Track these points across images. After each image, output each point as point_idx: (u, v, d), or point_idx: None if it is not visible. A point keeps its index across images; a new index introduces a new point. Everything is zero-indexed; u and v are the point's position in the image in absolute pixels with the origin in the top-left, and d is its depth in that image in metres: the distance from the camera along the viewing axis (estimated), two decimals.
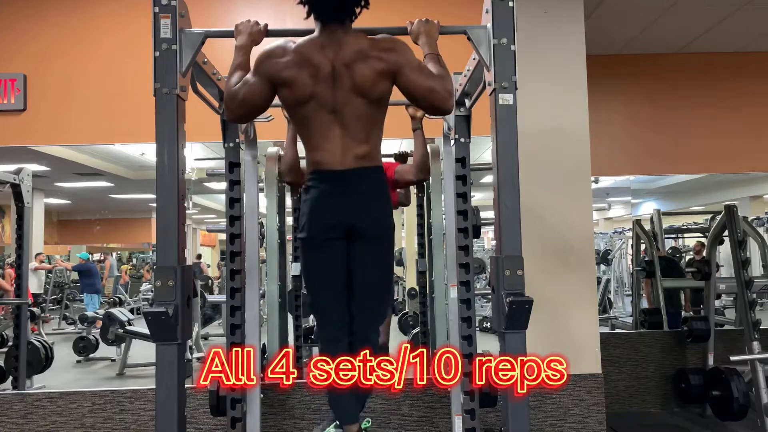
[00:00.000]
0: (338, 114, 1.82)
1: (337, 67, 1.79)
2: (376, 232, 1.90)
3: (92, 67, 3.29)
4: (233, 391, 2.31)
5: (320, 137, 1.84)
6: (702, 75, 4.58)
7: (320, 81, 1.79)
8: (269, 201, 3.22)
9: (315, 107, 1.81)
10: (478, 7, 1.83)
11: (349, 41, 1.81)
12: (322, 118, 1.82)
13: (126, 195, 8.88)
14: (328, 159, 1.84)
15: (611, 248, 8.36)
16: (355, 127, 1.83)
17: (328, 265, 1.89)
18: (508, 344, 1.68)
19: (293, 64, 1.79)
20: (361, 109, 1.82)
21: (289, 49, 1.81)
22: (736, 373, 3.81)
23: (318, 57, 1.79)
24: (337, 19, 1.82)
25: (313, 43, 1.82)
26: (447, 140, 2.66)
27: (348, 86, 1.79)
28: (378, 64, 1.78)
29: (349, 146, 1.83)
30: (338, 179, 1.84)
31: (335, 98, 1.80)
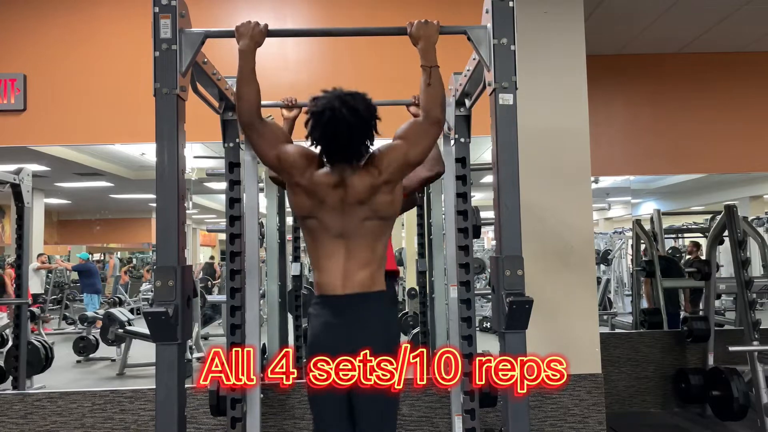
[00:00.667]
0: (344, 238, 1.87)
1: (347, 204, 1.86)
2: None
3: (92, 67, 3.29)
4: (233, 391, 2.32)
5: (325, 256, 1.89)
6: (702, 75, 4.58)
7: (327, 212, 1.86)
8: (269, 201, 3.23)
9: (320, 228, 1.89)
10: (478, 7, 1.83)
11: (357, 180, 1.86)
12: (327, 241, 1.88)
13: (126, 195, 8.87)
14: (330, 282, 1.88)
15: (611, 248, 8.35)
16: (360, 248, 1.88)
17: (329, 393, 1.88)
18: (508, 344, 1.68)
19: (307, 184, 1.86)
20: (371, 229, 1.88)
21: (313, 164, 1.89)
22: (736, 373, 3.82)
23: (328, 193, 1.86)
24: (346, 162, 1.87)
25: (326, 179, 1.88)
26: (447, 140, 2.66)
27: (360, 216, 1.86)
28: (388, 186, 1.86)
29: (352, 269, 1.87)
30: (340, 305, 1.87)
31: (343, 226, 1.86)
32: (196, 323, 6.14)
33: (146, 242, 12.07)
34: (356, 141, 1.84)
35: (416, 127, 1.90)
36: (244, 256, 2.41)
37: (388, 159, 1.86)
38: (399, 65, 3.08)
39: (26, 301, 3.89)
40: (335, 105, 1.80)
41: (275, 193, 3.25)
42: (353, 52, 3.26)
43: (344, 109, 1.79)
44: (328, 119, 1.80)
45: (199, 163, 4.75)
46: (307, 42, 3.29)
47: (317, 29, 3.26)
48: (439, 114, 1.85)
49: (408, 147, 1.87)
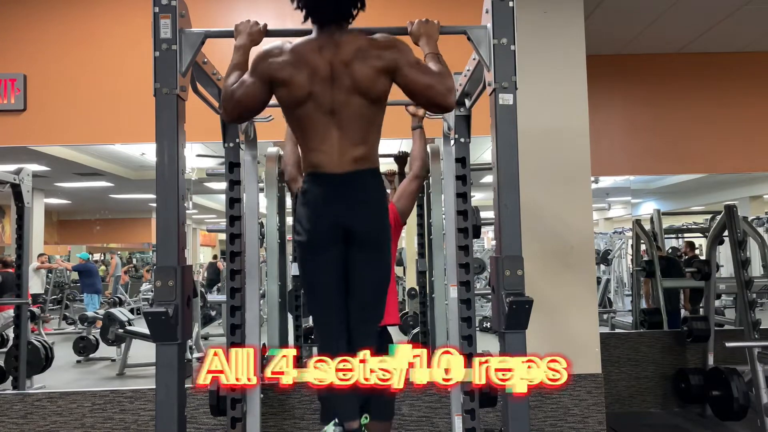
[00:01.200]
0: (336, 115, 1.81)
1: (335, 67, 1.78)
2: (373, 237, 1.90)
3: (92, 67, 3.29)
4: (233, 391, 2.32)
5: (317, 139, 1.83)
6: (702, 75, 4.58)
7: (317, 81, 1.78)
8: (269, 201, 3.22)
9: (312, 108, 1.81)
10: (478, 7, 1.83)
11: (346, 41, 1.80)
12: (319, 120, 1.81)
13: (126, 195, 8.88)
14: (324, 161, 1.83)
15: (611, 248, 8.36)
16: (352, 128, 1.82)
17: (325, 268, 1.89)
18: (508, 344, 1.68)
19: (290, 63, 1.78)
20: (360, 109, 1.81)
21: (286, 49, 1.81)
22: (736, 373, 3.82)
23: (315, 57, 1.79)
24: (334, 22, 1.82)
25: (310, 44, 1.81)
26: (447, 140, 2.65)
27: (346, 86, 1.78)
28: (377, 62, 1.78)
29: (346, 148, 1.82)
30: (335, 183, 1.83)
31: (333, 99, 1.79)
32: (196, 323, 6.14)
33: (146, 242, 12.08)
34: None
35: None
36: (244, 256, 2.41)
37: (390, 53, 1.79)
38: None
39: (26, 301, 3.89)
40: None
41: (275, 193, 3.25)
42: None
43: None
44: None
45: (200, 163, 4.75)
46: None
47: None
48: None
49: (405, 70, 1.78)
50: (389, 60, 1.78)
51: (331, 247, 1.87)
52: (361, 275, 1.91)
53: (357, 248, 1.88)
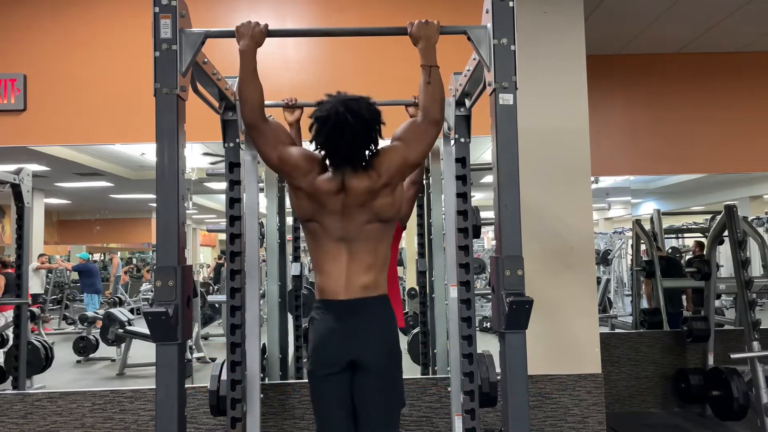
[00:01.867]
0: (346, 241, 1.87)
1: (347, 207, 1.86)
2: (380, 367, 1.90)
3: (92, 67, 3.28)
4: (233, 391, 2.32)
5: (327, 260, 1.89)
6: (702, 75, 4.58)
7: (327, 215, 1.87)
8: (269, 201, 3.22)
9: (321, 231, 1.89)
10: (478, 7, 1.83)
11: (356, 183, 1.86)
12: (329, 244, 1.88)
13: (126, 195, 8.87)
14: (333, 287, 1.87)
15: (611, 248, 8.35)
16: (362, 251, 1.88)
17: (333, 397, 1.89)
18: (508, 344, 1.68)
19: (308, 187, 1.87)
20: (372, 232, 1.88)
21: (316, 169, 1.89)
22: (736, 373, 3.82)
23: (329, 198, 1.86)
24: (350, 166, 1.88)
25: (327, 184, 1.88)
26: (447, 140, 2.65)
27: (360, 220, 1.86)
28: (388, 188, 1.86)
29: (355, 274, 1.86)
30: (342, 310, 1.87)
31: (344, 229, 1.87)
32: (196, 323, 6.14)
33: (146, 242, 12.07)
34: (360, 146, 1.84)
35: (415, 127, 1.90)
36: (244, 256, 2.41)
37: (388, 161, 1.86)
38: (399, 65, 3.09)
39: (26, 301, 3.89)
40: (339, 110, 1.80)
41: (275, 193, 3.25)
42: (354, 52, 3.26)
43: (348, 114, 1.80)
44: (333, 124, 1.80)
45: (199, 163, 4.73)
46: (308, 42, 3.29)
47: (317, 29, 3.26)
48: (438, 114, 1.85)
49: (407, 148, 1.87)
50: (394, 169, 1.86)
51: (338, 376, 1.88)
52: (371, 403, 1.89)
53: (364, 377, 1.88)
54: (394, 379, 1.95)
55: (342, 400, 1.89)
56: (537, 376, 3.05)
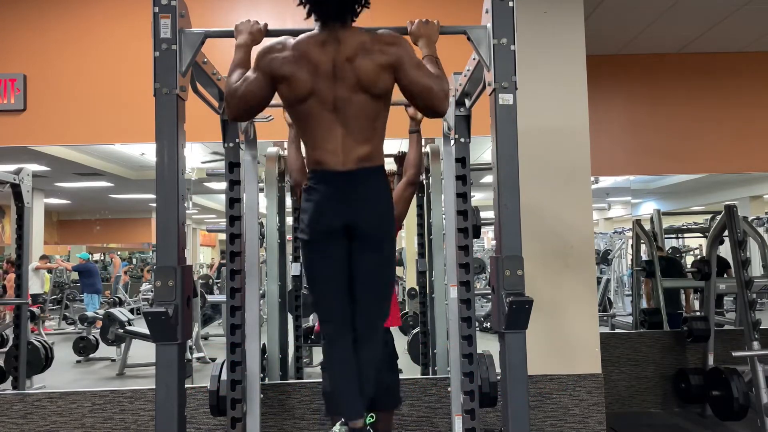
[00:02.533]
0: (340, 112, 1.80)
1: (338, 63, 1.78)
2: (378, 235, 1.90)
3: (92, 67, 3.29)
4: (233, 391, 2.32)
5: (321, 136, 1.83)
6: (702, 75, 4.58)
7: (320, 77, 1.78)
8: (269, 201, 3.23)
9: (315, 105, 1.80)
10: (478, 7, 1.83)
11: (349, 37, 1.80)
12: (323, 116, 1.81)
13: (126, 195, 8.87)
14: (329, 159, 1.83)
15: (611, 248, 8.36)
16: (357, 125, 1.82)
17: (330, 266, 1.90)
18: (508, 344, 1.68)
19: (292, 59, 1.78)
20: (364, 105, 1.80)
21: (289, 44, 1.80)
22: (736, 373, 3.82)
23: (318, 53, 1.78)
24: (338, 18, 1.81)
25: (313, 40, 1.81)
26: (447, 140, 2.65)
27: (350, 82, 1.78)
28: (380, 57, 1.77)
29: (350, 146, 1.82)
30: (340, 181, 1.83)
31: (336, 95, 1.79)
32: (196, 323, 6.14)
33: (146, 242, 12.07)
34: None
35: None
36: (244, 256, 2.41)
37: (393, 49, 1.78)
38: None
39: (26, 301, 3.89)
40: None
41: (275, 193, 3.25)
42: None
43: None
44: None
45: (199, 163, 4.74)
46: None
47: None
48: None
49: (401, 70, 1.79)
50: (393, 56, 1.78)
51: (336, 244, 1.87)
52: (367, 273, 1.91)
53: (362, 246, 1.88)
54: (389, 252, 1.96)
55: (339, 268, 1.89)
56: (537, 376, 3.05)
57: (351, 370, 1.93)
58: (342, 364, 1.94)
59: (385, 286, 1.99)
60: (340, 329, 1.95)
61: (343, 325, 1.95)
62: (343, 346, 1.94)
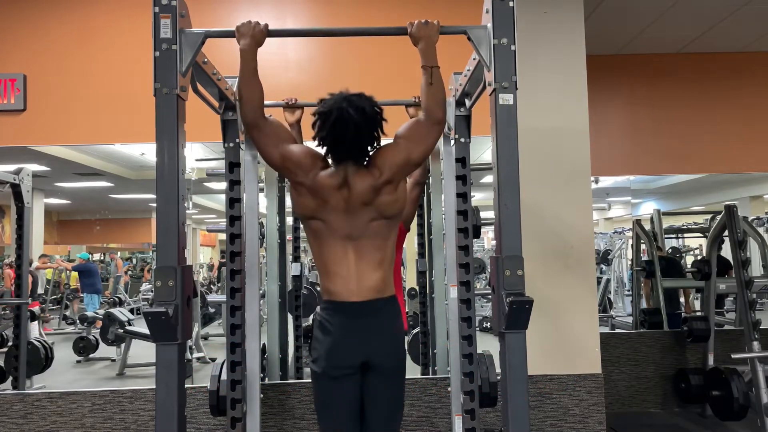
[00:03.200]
0: (352, 240, 1.86)
1: (352, 203, 1.84)
2: (391, 367, 1.92)
3: (92, 67, 3.29)
4: (233, 391, 2.31)
5: (334, 261, 1.87)
6: (702, 75, 4.58)
7: (331, 211, 1.85)
8: (269, 201, 3.23)
9: (325, 228, 1.87)
10: (478, 7, 1.83)
11: (359, 180, 1.86)
12: (336, 241, 1.86)
13: (126, 195, 8.87)
14: (342, 289, 1.86)
15: (611, 248, 8.35)
16: (370, 249, 1.87)
17: (342, 397, 1.90)
18: (508, 344, 1.68)
19: (313, 183, 1.85)
20: (379, 229, 1.87)
21: (317, 164, 1.88)
22: (736, 373, 3.82)
23: (334, 196, 1.85)
24: (351, 160, 1.88)
25: (331, 179, 1.86)
26: (447, 140, 2.65)
27: (367, 216, 1.85)
28: (390, 187, 1.86)
29: (363, 274, 1.85)
30: (354, 312, 1.86)
31: (350, 227, 1.85)
32: (196, 323, 6.14)
33: (146, 242, 12.07)
34: (363, 141, 1.85)
35: (418, 127, 1.90)
36: (244, 256, 2.41)
37: (390, 158, 1.86)
38: (400, 65, 3.09)
39: (26, 301, 3.89)
40: (342, 105, 1.82)
41: (275, 193, 3.25)
42: (354, 52, 3.26)
43: (351, 109, 1.81)
44: (336, 119, 1.81)
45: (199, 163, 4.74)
46: (308, 42, 3.29)
47: (318, 29, 3.26)
48: (441, 114, 1.86)
49: (410, 146, 1.87)
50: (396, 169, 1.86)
51: (348, 377, 1.89)
52: (381, 401, 1.92)
53: (377, 377, 1.90)
54: (402, 380, 1.98)
55: (352, 401, 1.90)
56: (537, 376, 3.05)
57: None
58: None
59: (398, 410, 1.99)
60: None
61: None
62: None
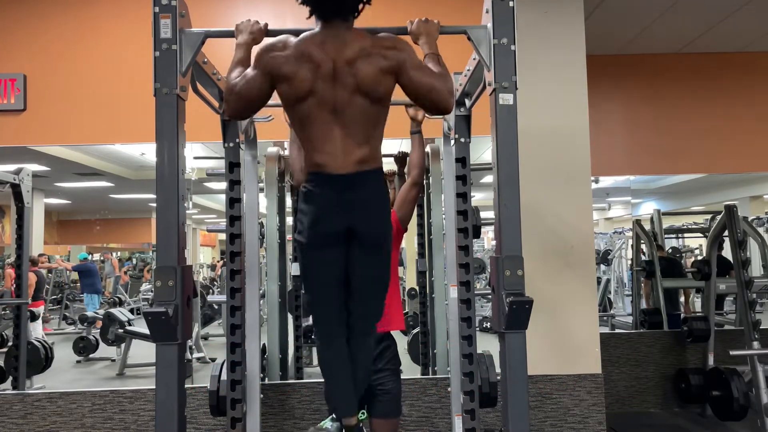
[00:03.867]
0: (339, 114, 1.79)
1: (338, 65, 1.77)
2: (375, 238, 1.91)
3: (92, 67, 3.29)
4: (233, 391, 2.32)
5: (320, 138, 1.82)
6: (702, 75, 4.58)
7: (320, 78, 1.76)
8: (269, 201, 3.22)
9: (314, 105, 1.79)
10: (478, 7, 1.83)
11: (351, 38, 1.79)
12: (322, 118, 1.79)
13: (126, 195, 8.88)
14: (328, 161, 1.82)
15: (611, 248, 8.36)
16: (356, 127, 1.81)
17: (327, 267, 1.90)
18: (508, 344, 1.68)
19: (293, 58, 1.76)
20: (363, 108, 1.80)
21: (290, 43, 1.79)
22: (736, 373, 3.82)
23: (319, 53, 1.77)
24: (340, 16, 1.80)
25: (313, 39, 1.79)
26: (447, 140, 2.65)
27: (350, 84, 1.77)
28: (381, 61, 1.77)
29: (350, 148, 1.81)
30: (339, 183, 1.82)
31: (336, 97, 1.78)
32: (196, 323, 6.14)
33: (146, 242, 12.08)
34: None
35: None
36: (244, 256, 2.41)
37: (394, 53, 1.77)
38: None
39: (26, 301, 3.89)
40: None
41: (275, 193, 3.25)
42: None
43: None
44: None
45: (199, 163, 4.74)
46: None
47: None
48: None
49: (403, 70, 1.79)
50: (394, 59, 1.77)
51: (333, 247, 1.87)
52: (363, 274, 1.92)
53: (359, 248, 1.89)
54: (385, 258, 1.96)
55: (336, 272, 1.90)
56: (537, 376, 3.05)
57: (345, 369, 1.95)
58: (336, 364, 1.96)
59: (381, 287, 2.01)
60: (336, 329, 1.96)
61: (339, 326, 1.96)
62: (338, 346, 1.96)
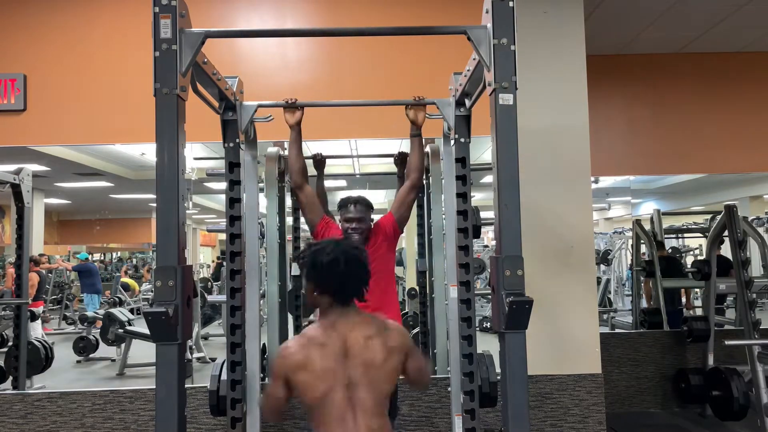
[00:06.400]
0: (352, 398, 1.73)
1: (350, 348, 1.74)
2: None
3: (92, 67, 3.29)
4: (233, 390, 2.32)
5: (334, 423, 1.73)
6: (702, 75, 4.58)
7: (334, 375, 1.72)
8: (269, 201, 3.22)
9: (329, 399, 1.72)
10: (478, 7, 1.83)
11: (359, 326, 1.77)
12: (337, 405, 1.72)
13: (126, 195, 8.88)
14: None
15: (611, 248, 8.35)
16: (370, 402, 1.74)
17: None
18: (508, 344, 1.68)
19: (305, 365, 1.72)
20: (377, 383, 1.75)
21: (303, 345, 1.75)
22: (736, 373, 3.82)
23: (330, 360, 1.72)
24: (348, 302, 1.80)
25: (325, 335, 1.75)
26: (447, 140, 2.65)
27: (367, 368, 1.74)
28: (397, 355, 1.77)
29: (364, 427, 1.73)
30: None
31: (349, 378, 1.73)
32: (196, 323, 6.14)
33: (146, 242, 12.08)
34: (360, 285, 1.80)
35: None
36: (244, 256, 2.41)
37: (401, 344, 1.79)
38: (399, 65, 3.08)
39: (26, 301, 3.89)
40: (339, 258, 1.75)
41: (275, 193, 3.24)
42: (354, 52, 3.26)
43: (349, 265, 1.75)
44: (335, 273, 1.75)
45: (199, 163, 4.74)
46: (308, 41, 3.29)
47: (317, 29, 3.26)
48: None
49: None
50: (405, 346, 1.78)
51: None
52: None
53: None
54: None
55: None
56: (537, 376, 3.05)
57: None
58: None
59: None
60: None
61: None
62: None
